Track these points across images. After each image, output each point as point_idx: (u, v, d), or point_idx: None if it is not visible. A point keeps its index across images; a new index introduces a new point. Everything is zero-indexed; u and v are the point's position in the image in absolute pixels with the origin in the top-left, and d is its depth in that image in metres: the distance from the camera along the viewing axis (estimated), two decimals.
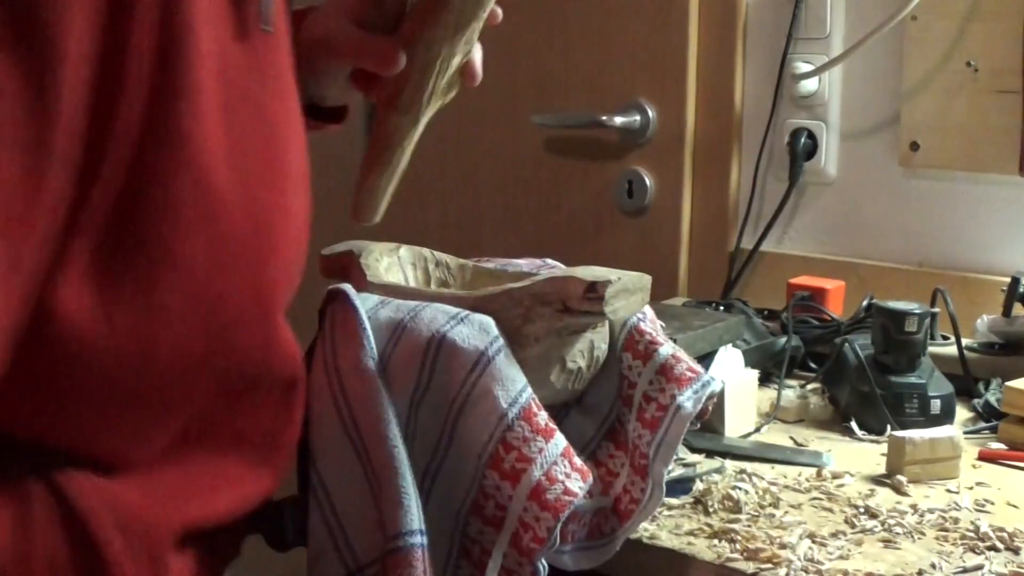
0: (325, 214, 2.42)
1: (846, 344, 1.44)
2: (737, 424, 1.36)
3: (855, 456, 1.31)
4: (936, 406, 1.36)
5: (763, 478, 1.23)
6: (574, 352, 0.99)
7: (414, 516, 0.91)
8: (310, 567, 0.97)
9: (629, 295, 0.97)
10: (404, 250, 1.11)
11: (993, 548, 1.07)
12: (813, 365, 1.58)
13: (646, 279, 0.99)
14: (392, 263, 1.09)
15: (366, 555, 0.95)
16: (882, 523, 1.12)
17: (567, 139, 1.99)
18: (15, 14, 0.65)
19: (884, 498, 1.19)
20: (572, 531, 1.03)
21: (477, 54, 1.03)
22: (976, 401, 1.45)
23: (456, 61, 1.00)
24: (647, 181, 1.90)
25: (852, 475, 1.24)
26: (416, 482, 0.93)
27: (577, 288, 0.95)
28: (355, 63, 1.02)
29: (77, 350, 0.73)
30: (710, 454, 1.29)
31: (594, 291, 0.94)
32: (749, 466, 1.26)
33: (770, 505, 1.16)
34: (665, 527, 1.12)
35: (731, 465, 1.25)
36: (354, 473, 0.95)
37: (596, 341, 1.01)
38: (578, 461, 0.95)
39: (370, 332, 0.95)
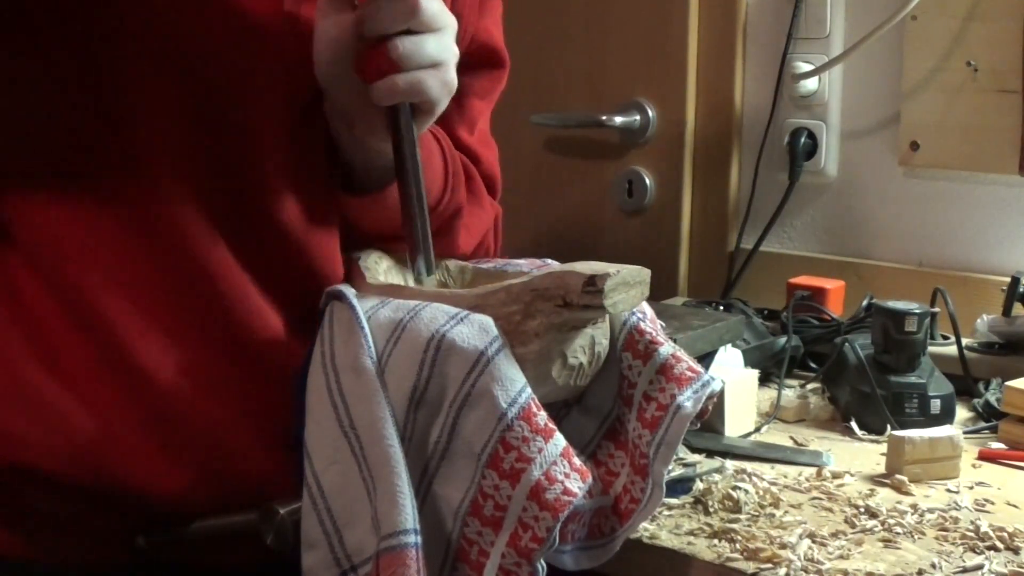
0: None
1: (846, 344, 1.44)
2: (737, 424, 1.36)
3: (855, 456, 1.31)
4: (936, 406, 1.36)
5: (763, 478, 1.23)
6: (575, 348, 0.99)
7: (409, 515, 0.91)
8: (304, 565, 0.98)
9: (628, 288, 0.97)
10: (404, 253, 1.11)
11: (993, 548, 1.07)
12: (813, 365, 1.58)
13: (645, 272, 0.99)
14: (391, 265, 1.09)
15: (360, 554, 0.95)
16: (882, 523, 1.12)
17: (567, 139, 1.99)
18: None
19: (884, 498, 1.19)
20: (572, 531, 1.03)
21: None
22: (976, 401, 1.45)
23: None
24: (647, 181, 1.90)
25: (852, 475, 1.24)
26: (414, 482, 0.93)
27: (576, 282, 0.95)
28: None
29: None
30: (710, 454, 1.29)
31: (593, 284, 0.94)
32: (749, 466, 1.26)
33: (770, 505, 1.16)
34: (665, 527, 1.12)
35: (731, 465, 1.25)
36: (350, 472, 0.95)
37: (597, 337, 1.01)
38: (578, 461, 0.95)
39: (368, 331, 0.95)
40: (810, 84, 1.76)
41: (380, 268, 1.07)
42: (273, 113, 0.99)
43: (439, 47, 0.97)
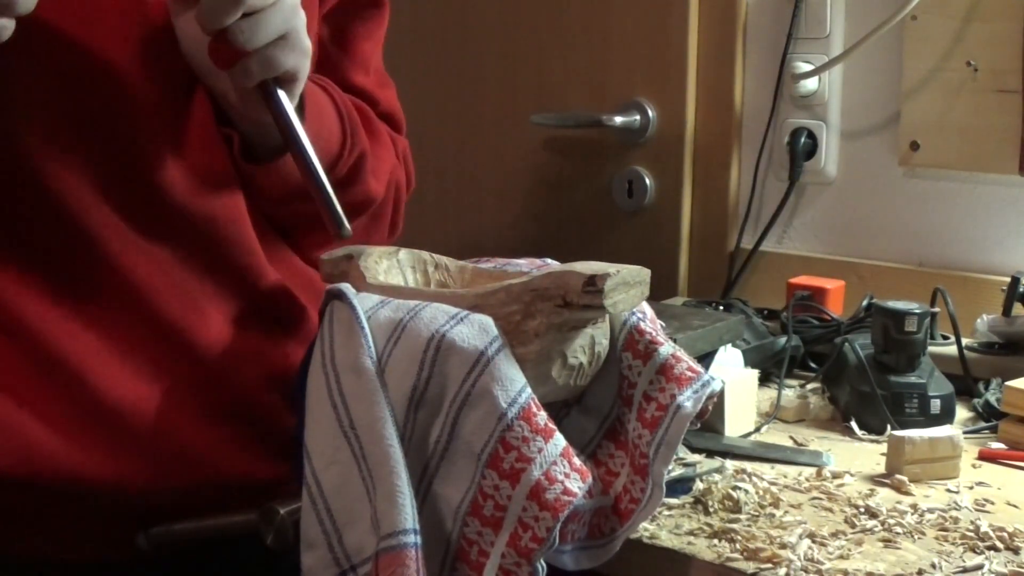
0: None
1: (846, 344, 1.44)
2: (737, 424, 1.36)
3: (855, 456, 1.31)
4: (936, 406, 1.36)
5: (763, 478, 1.23)
6: (575, 347, 0.99)
7: (408, 515, 0.91)
8: (303, 564, 0.98)
9: (628, 288, 0.97)
10: (403, 253, 1.11)
11: (993, 548, 1.07)
12: (813, 365, 1.58)
13: (645, 272, 0.99)
14: (391, 266, 1.09)
15: (359, 554, 0.95)
16: (882, 523, 1.12)
17: (567, 139, 1.99)
18: None
19: (884, 498, 1.19)
20: (572, 531, 1.03)
21: None
22: (976, 401, 1.45)
23: None
24: (647, 181, 1.90)
25: (852, 475, 1.24)
26: (414, 482, 0.93)
27: (576, 282, 0.95)
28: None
29: None
30: (710, 454, 1.29)
31: (593, 284, 0.94)
32: (749, 466, 1.26)
33: (770, 505, 1.16)
34: (665, 527, 1.12)
35: (731, 465, 1.25)
36: (349, 472, 0.95)
37: (597, 337, 1.01)
38: (577, 461, 0.95)
39: (368, 331, 0.95)
40: (810, 84, 1.76)
41: (380, 268, 1.07)
42: (151, 97, 1.00)
43: (280, 19, 0.97)
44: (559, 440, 0.94)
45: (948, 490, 1.21)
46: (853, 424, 1.38)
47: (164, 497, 1.02)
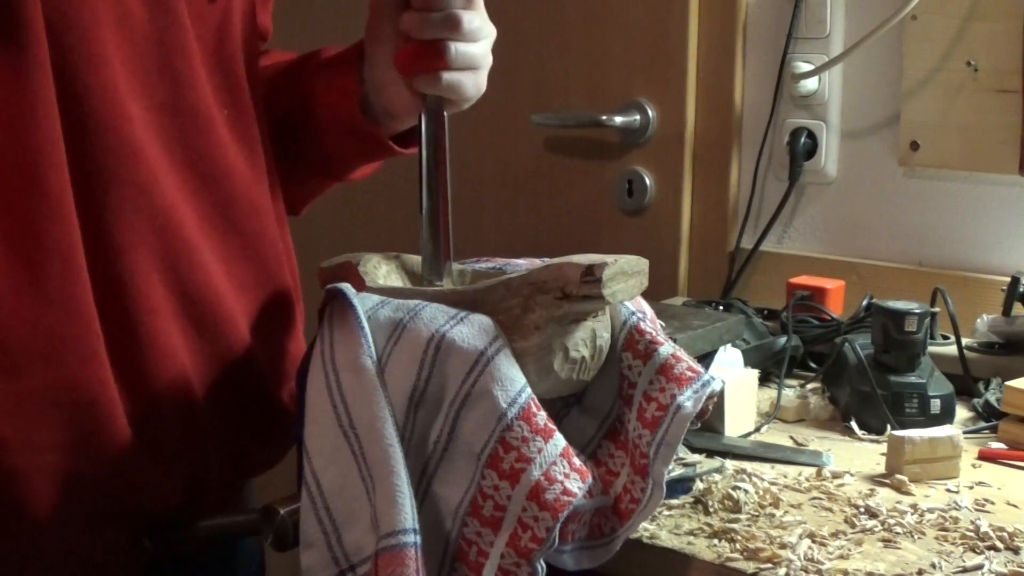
0: (322, 227, 2.39)
1: (846, 344, 1.44)
2: (737, 424, 1.36)
3: (855, 456, 1.31)
4: (936, 406, 1.36)
5: (763, 478, 1.23)
6: (576, 341, 0.99)
7: (408, 515, 0.91)
8: (302, 564, 0.98)
9: (627, 277, 0.97)
10: (403, 258, 1.11)
11: (993, 548, 1.07)
12: (813, 365, 1.58)
13: (643, 262, 0.99)
14: (390, 270, 1.09)
15: (358, 553, 0.95)
16: (882, 523, 1.12)
17: (567, 139, 1.99)
18: None
19: (884, 498, 1.19)
20: (572, 531, 1.03)
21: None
22: (976, 401, 1.45)
23: None
24: (647, 181, 1.90)
25: (852, 475, 1.24)
26: (413, 482, 0.93)
27: (574, 273, 0.95)
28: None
29: None
30: (710, 454, 1.29)
31: (591, 274, 0.94)
32: (749, 466, 1.26)
33: (770, 505, 1.16)
34: (665, 527, 1.12)
35: (731, 465, 1.25)
36: (349, 471, 0.95)
37: (598, 330, 1.01)
38: (577, 461, 0.95)
39: (368, 331, 0.95)
40: (810, 84, 1.76)
41: (379, 273, 1.07)
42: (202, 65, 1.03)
43: (482, 53, 1.07)
44: (559, 440, 0.94)
45: (948, 490, 1.21)
46: (853, 424, 1.38)
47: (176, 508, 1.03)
